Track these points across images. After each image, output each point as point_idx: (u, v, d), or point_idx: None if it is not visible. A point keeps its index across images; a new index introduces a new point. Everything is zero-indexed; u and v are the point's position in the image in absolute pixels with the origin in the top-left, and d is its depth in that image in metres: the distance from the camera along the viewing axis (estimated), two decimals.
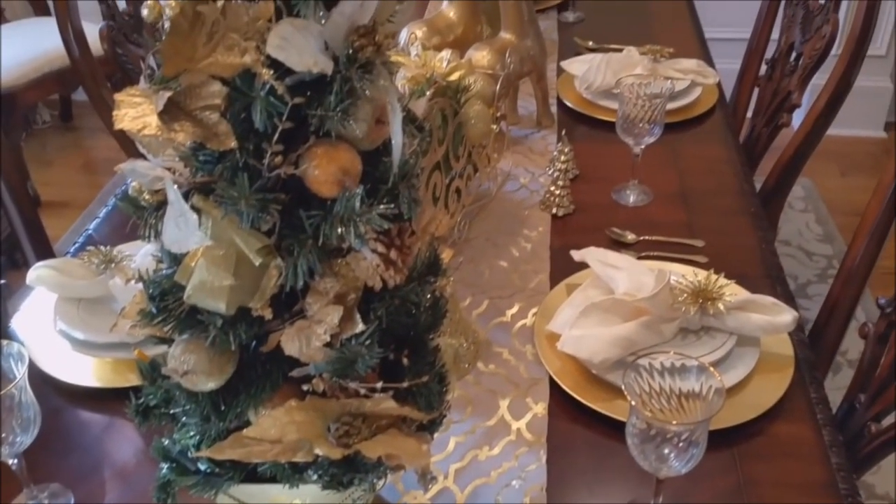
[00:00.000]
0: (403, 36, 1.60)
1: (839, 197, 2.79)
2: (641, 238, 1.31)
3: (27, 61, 2.71)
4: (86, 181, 3.11)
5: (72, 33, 1.55)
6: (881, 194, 1.19)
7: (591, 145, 1.58)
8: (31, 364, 0.89)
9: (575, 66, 1.79)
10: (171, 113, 0.57)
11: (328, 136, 0.61)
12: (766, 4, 1.93)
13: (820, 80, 1.61)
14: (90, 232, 1.38)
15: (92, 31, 1.65)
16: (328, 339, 0.63)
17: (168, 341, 0.69)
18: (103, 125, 1.68)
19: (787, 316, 1.03)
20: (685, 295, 1.05)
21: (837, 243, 2.56)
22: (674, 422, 0.83)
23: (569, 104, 1.71)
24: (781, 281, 1.22)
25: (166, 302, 0.65)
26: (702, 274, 1.09)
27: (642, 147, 1.40)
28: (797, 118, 1.70)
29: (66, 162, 3.22)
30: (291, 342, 0.64)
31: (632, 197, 1.43)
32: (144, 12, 0.55)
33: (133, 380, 0.75)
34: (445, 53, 1.34)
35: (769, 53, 1.89)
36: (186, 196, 0.62)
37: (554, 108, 1.71)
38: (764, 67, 1.88)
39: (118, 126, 0.58)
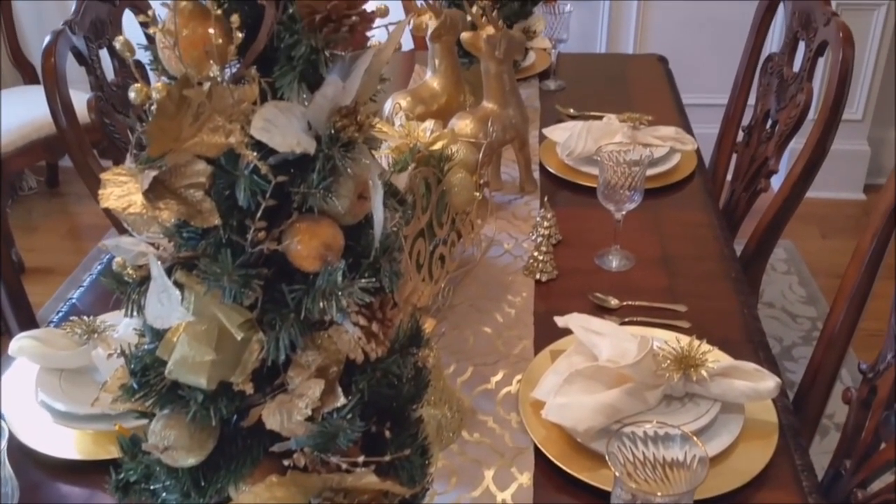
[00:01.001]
0: (388, 106, 1.63)
1: (820, 259, 2.83)
2: (624, 303, 1.32)
3: (15, 129, 2.74)
4: (71, 247, 3.10)
5: (59, 103, 1.57)
6: (859, 259, 1.21)
7: (574, 211, 1.60)
8: (10, 437, 0.88)
9: (557, 133, 1.82)
10: (156, 191, 0.58)
11: (311, 211, 0.63)
12: (742, 73, 1.98)
13: (798, 143, 1.65)
14: (74, 301, 1.38)
15: (80, 98, 1.68)
16: (309, 413, 0.63)
17: (149, 415, 0.68)
18: (89, 191, 1.69)
19: (769, 382, 1.04)
20: (668, 361, 1.05)
21: (821, 305, 2.59)
22: (658, 493, 0.82)
23: (551, 170, 1.74)
24: (764, 346, 1.22)
25: (148, 377, 0.65)
26: (685, 340, 1.09)
27: (623, 213, 1.42)
28: (776, 182, 1.74)
29: (52, 228, 3.23)
30: (272, 416, 0.64)
31: (614, 262, 1.44)
32: (132, 95, 0.57)
33: (114, 451, 0.74)
34: (429, 123, 1.36)
35: (746, 120, 1.94)
36: (169, 271, 0.62)
37: (537, 174, 1.74)
38: (741, 134, 1.93)
39: (104, 205, 0.58)
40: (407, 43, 2.63)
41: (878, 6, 2.90)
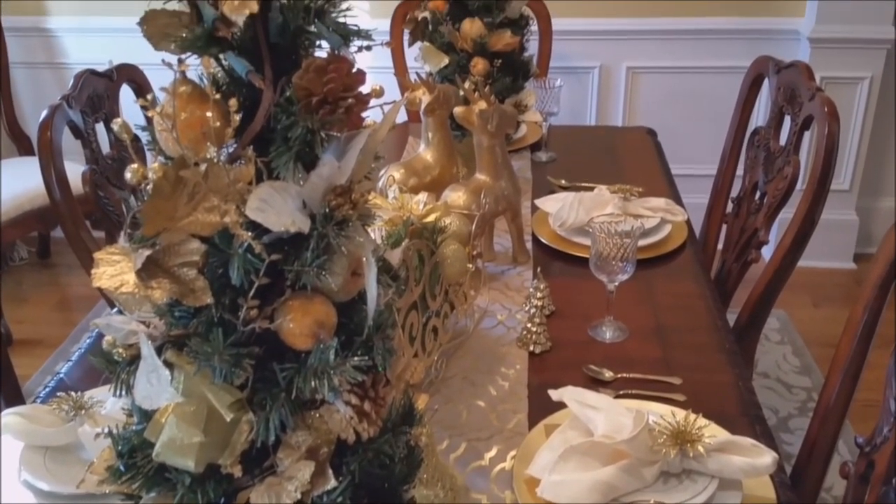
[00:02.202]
0: (382, 178, 1.65)
1: (814, 328, 2.83)
2: (619, 376, 1.31)
3: (9, 200, 2.74)
4: (60, 318, 3.08)
5: (54, 177, 1.58)
6: (852, 331, 1.21)
7: (567, 281, 1.60)
8: None
9: (549, 203, 1.84)
10: (149, 270, 0.58)
11: (304, 289, 0.62)
12: (729, 146, 2.02)
13: (787, 213, 1.67)
14: (61, 376, 1.36)
15: (74, 170, 1.69)
16: (299, 496, 0.62)
17: (136, 498, 0.67)
18: (80, 263, 1.69)
19: (766, 458, 1.02)
20: (665, 437, 1.04)
21: (816, 375, 2.57)
22: None
23: (544, 241, 1.75)
24: (760, 420, 1.21)
25: (135, 459, 0.64)
26: (680, 414, 1.08)
27: (616, 284, 1.42)
28: (767, 251, 1.75)
29: (41, 299, 3.21)
30: (261, 499, 0.63)
31: (608, 333, 1.44)
32: (128, 175, 0.57)
33: None
34: (422, 196, 1.38)
35: (735, 191, 1.96)
36: (159, 350, 0.62)
37: (529, 245, 1.74)
38: (731, 205, 1.95)
39: (96, 284, 0.58)
40: (401, 115, 2.68)
41: (861, 79, 2.97)
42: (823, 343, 2.69)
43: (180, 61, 0.57)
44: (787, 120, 1.79)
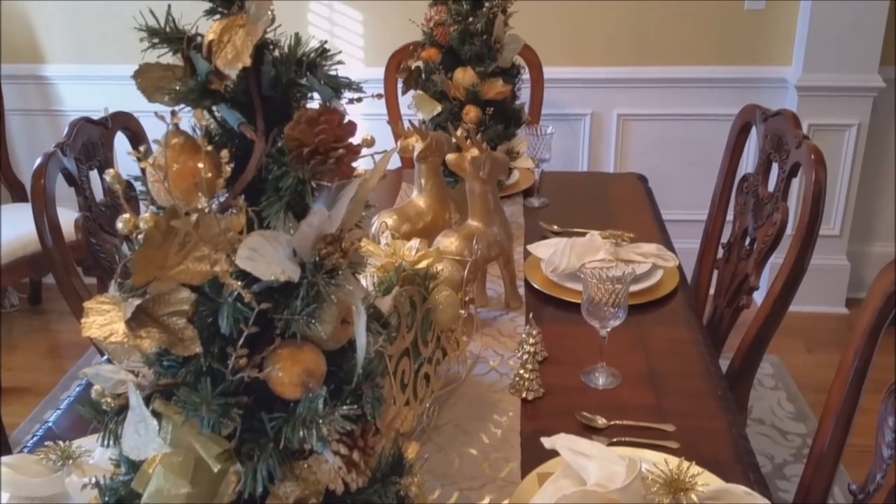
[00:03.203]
0: (374, 224, 1.66)
1: (807, 373, 2.83)
2: (612, 423, 1.31)
3: (1, 246, 2.74)
4: (49, 366, 3.05)
5: (47, 224, 1.59)
6: (843, 377, 1.21)
7: (559, 327, 1.60)
8: None
9: (541, 249, 1.85)
10: (138, 319, 0.58)
11: (293, 337, 0.63)
12: (719, 192, 2.04)
13: (778, 258, 1.68)
14: (50, 424, 1.35)
15: (67, 216, 1.69)
16: None
17: None
18: (71, 310, 1.68)
19: None
20: (658, 485, 1.03)
21: (810, 421, 2.56)
22: None
23: (536, 286, 1.75)
24: (754, 467, 1.20)
25: None
26: (673, 462, 1.07)
27: (608, 330, 1.42)
28: (759, 296, 1.75)
29: (32, 346, 3.18)
30: None
31: (601, 380, 1.43)
32: (119, 225, 0.57)
33: None
34: (414, 242, 1.38)
35: (726, 237, 1.97)
36: (148, 400, 0.61)
37: (522, 290, 1.75)
38: (721, 251, 1.96)
39: (86, 334, 0.58)
40: (395, 161, 2.70)
41: (849, 126, 3.01)
42: (817, 388, 2.69)
43: (174, 114, 0.58)
44: (775, 167, 1.81)
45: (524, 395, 1.39)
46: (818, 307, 3.15)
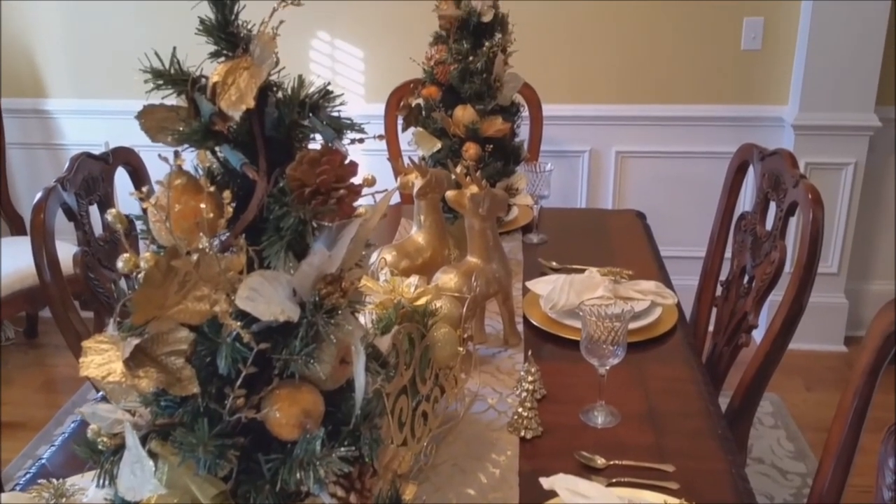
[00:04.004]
0: (373, 260, 1.66)
1: (807, 412, 2.81)
2: (611, 462, 1.29)
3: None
4: (44, 400, 3.03)
5: (45, 259, 1.59)
6: (842, 417, 1.20)
7: (558, 364, 1.59)
8: None
9: (540, 286, 1.85)
10: (136, 359, 0.57)
11: (292, 377, 0.62)
12: (717, 230, 2.04)
13: (777, 295, 1.68)
14: (43, 461, 1.33)
15: (65, 250, 1.69)
16: None
17: None
18: (67, 345, 1.67)
19: None
20: None
21: (810, 460, 2.54)
22: None
23: (535, 323, 1.75)
24: None
25: None
26: (673, 503, 1.06)
27: (607, 368, 1.41)
28: (758, 334, 1.75)
29: (27, 381, 3.17)
30: None
31: (600, 418, 1.42)
32: (120, 265, 0.58)
33: None
34: (413, 279, 1.38)
35: (724, 274, 1.98)
36: (144, 440, 0.61)
37: (521, 327, 1.74)
38: (720, 288, 1.96)
39: (84, 373, 0.58)
40: (394, 197, 2.71)
41: (846, 165, 3.03)
42: (817, 427, 2.67)
43: (177, 154, 0.58)
44: (773, 205, 1.82)
45: (523, 433, 1.38)
46: (817, 345, 3.15)
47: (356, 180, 0.65)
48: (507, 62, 2.13)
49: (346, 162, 0.63)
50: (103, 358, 0.59)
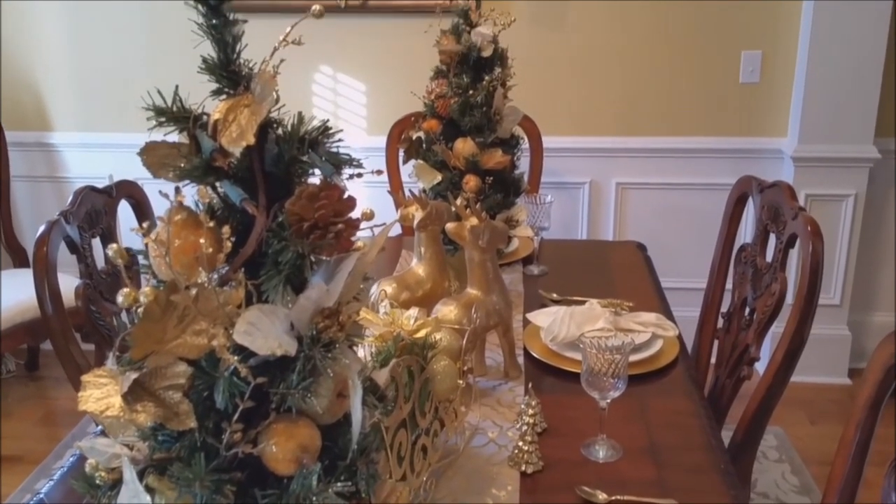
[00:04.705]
0: (373, 292, 1.66)
1: (811, 446, 2.79)
2: (613, 498, 1.28)
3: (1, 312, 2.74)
4: (44, 434, 3.02)
5: (47, 292, 1.59)
6: (845, 451, 1.19)
7: (559, 397, 1.59)
8: None
9: (540, 317, 1.84)
10: (135, 393, 0.58)
11: (289, 411, 0.62)
12: (717, 261, 2.05)
13: (779, 327, 1.67)
14: (41, 496, 1.33)
15: (67, 282, 1.70)
16: None
17: None
18: (68, 378, 1.67)
19: None
20: None
21: (815, 495, 2.51)
22: None
23: (535, 355, 1.74)
24: None
25: None
26: None
27: (608, 401, 1.41)
28: (761, 366, 1.74)
29: (26, 414, 3.15)
30: None
31: (601, 452, 1.41)
32: (120, 299, 0.58)
33: None
34: (413, 311, 1.38)
35: (725, 306, 1.97)
36: (142, 474, 0.61)
37: (521, 359, 1.74)
38: (721, 320, 1.95)
39: (82, 408, 0.58)
40: (395, 229, 2.72)
41: (846, 196, 3.04)
42: (822, 461, 2.65)
43: (177, 190, 0.59)
44: (773, 237, 1.82)
45: (523, 468, 1.37)
46: (821, 378, 3.13)
47: (354, 214, 0.66)
48: (506, 96, 2.15)
49: (345, 197, 0.64)
50: (102, 392, 0.59)
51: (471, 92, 2.06)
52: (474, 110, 2.06)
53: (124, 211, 1.98)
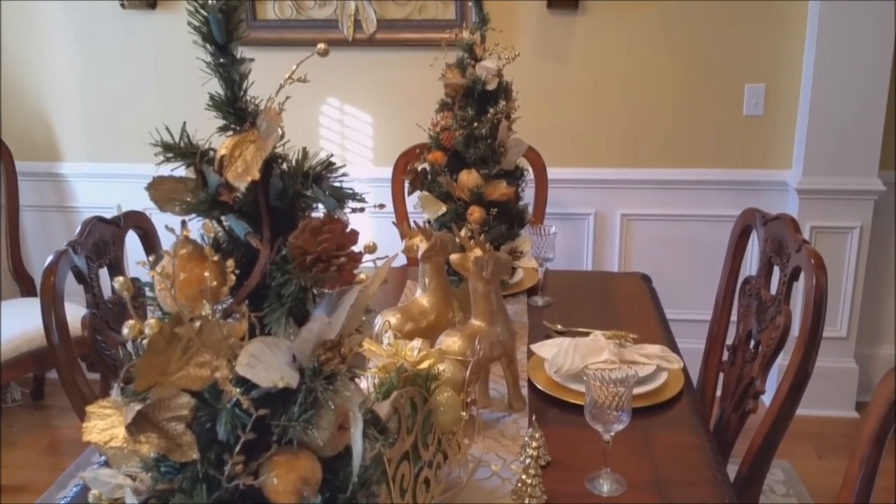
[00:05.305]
0: (378, 323, 1.66)
1: (819, 480, 2.76)
2: None
3: (7, 341, 2.75)
4: (48, 463, 3.01)
5: (54, 321, 1.60)
6: (850, 486, 1.18)
7: (563, 430, 1.58)
8: None
9: (544, 349, 1.84)
10: (138, 425, 0.58)
11: (290, 443, 0.63)
12: (722, 294, 2.04)
13: (785, 359, 1.67)
14: None
15: (74, 311, 1.71)
16: None
17: None
18: (73, 407, 1.67)
19: None
20: None
21: None
22: None
23: (539, 387, 1.74)
24: None
25: None
26: None
27: (612, 434, 1.40)
28: (767, 398, 1.74)
29: (31, 443, 3.15)
30: None
31: (605, 486, 1.41)
32: (125, 331, 0.59)
33: None
34: (416, 343, 1.38)
35: (731, 338, 1.97)
36: None
37: (525, 391, 1.73)
38: (726, 353, 1.95)
39: (87, 438, 0.59)
40: (400, 260, 2.73)
41: (851, 229, 3.04)
42: (830, 495, 2.62)
43: (183, 224, 0.60)
44: (777, 269, 1.83)
45: (526, 501, 1.36)
46: (828, 411, 3.11)
47: (357, 248, 0.67)
48: (511, 128, 2.17)
49: (347, 230, 0.65)
50: (106, 423, 0.60)
51: (475, 124, 2.08)
52: (479, 142, 2.08)
53: (132, 241, 2.00)
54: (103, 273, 1.82)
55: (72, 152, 3.42)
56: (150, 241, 2.00)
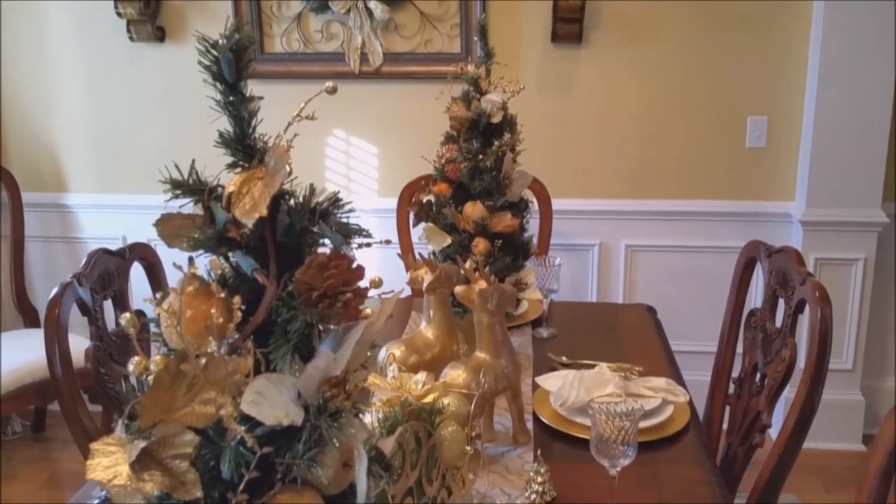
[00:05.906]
0: (382, 355, 1.66)
1: None
2: None
3: (9, 373, 2.74)
4: (47, 497, 2.98)
5: (57, 354, 1.60)
6: None
7: (568, 464, 1.57)
8: None
9: (549, 382, 1.83)
10: (142, 462, 0.58)
11: (294, 481, 0.62)
12: (727, 326, 2.04)
13: (791, 392, 1.66)
14: None
15: (77, 343, 1.70)
16: None
17: None
18: (74, 440, 1.66)
19: None
20: None
21: None
22: None
23: (544, 420, 1.73)
24: None
25: None
26: None
27: (618, 469, 1.39)
28: (774, 431, 1.72)
29: (31, 477, 3.12)
30: None
31: None
32: (130, 367, 0.59)
33: None
34: (420, 376, 1.38)
35: (737, 370, 1.96)
36: None
37: (530, 424, 1.72)
38: (732, 386, 1.94)
39: (90, 476, 0.58)
40: (405, 291, 2.73)
41: (855, 261, 3.04)
42: None
43: (191, 261, 0.60)
44: (782, 301, 1.82)
45: None
46: (835, 444, 3.08)
47: (363, 283, 0.67)
48: (515, 160, 2.18)
49: (353, 266, 0.65)
50: (110, 460, 0.59)
51: (480, 157, 2.09)
52: (484, 175, 2.09)
53: (137, 272, 2.00)
54: (107, 305, 1.82)
55: (78, 183, 3.44)
56: (154, 273, 2.00)
